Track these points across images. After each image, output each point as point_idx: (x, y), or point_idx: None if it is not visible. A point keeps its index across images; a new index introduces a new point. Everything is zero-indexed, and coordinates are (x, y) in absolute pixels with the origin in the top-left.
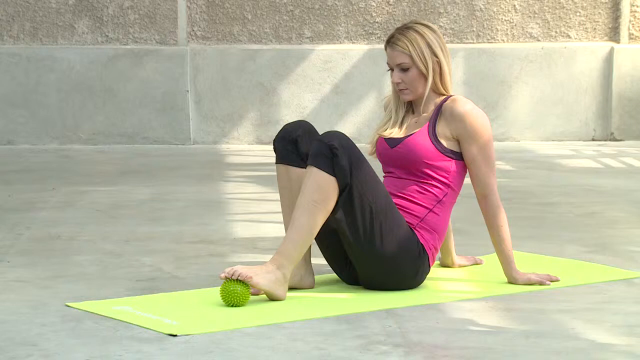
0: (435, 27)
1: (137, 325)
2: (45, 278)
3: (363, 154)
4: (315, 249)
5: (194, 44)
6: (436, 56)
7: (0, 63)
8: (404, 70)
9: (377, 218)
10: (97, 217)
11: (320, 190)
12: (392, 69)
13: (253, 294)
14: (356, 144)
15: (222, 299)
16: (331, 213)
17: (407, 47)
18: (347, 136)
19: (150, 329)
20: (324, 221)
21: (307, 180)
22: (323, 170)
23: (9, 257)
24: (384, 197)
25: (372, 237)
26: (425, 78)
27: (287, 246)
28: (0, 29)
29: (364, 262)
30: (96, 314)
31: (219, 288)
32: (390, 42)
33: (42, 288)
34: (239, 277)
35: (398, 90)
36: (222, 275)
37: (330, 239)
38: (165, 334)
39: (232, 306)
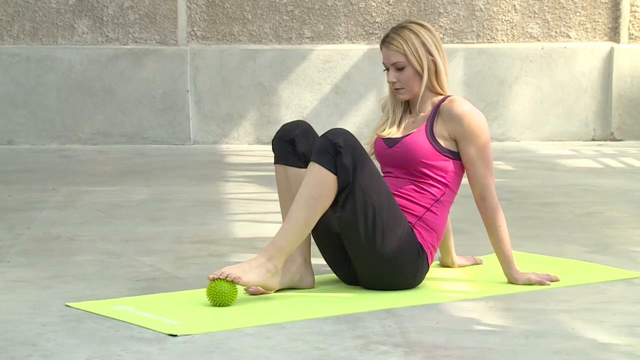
0: (430, 26)
1: (137, 325)
2: (45, 278)
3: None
4: (315, 249)
5: (194, 44)
6: (431, 55)
7: (0, 63)
8: (399, 69)
9: (379, 217)
10: (97, 217)
11: (320, 187)
12: (387, 69)
13: (252, 293)
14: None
15: (209, 299)
16: (334, 211)
17: (402, 46)
18: (351, 134)
19: (150, 329)
20: (319, 217)
21: (309, 175)
22: (325, 168)
23: (9, 257)
24: (387, 196)
25: (373, 236)
26: (421, 77)
27: (281, 238)
28: (0, 29)
29: (364, 261)
30: (96, 314)
31: (205, 289)
32: (385, 41)
33: (42, 288)
34: (228, 278)
35: (394, 90)
36: (211, 276)
37: (330, 240)
38: (165, 334)
39: (219, 306)
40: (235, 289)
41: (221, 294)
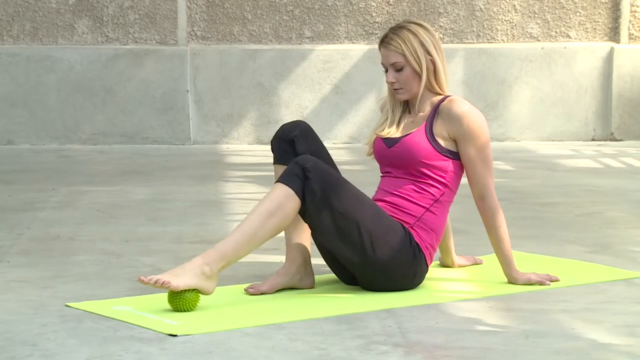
0: (429, 26)
1: (137, 325)
2: (45, 278)
3: (341, 174)
4: (315, 249)
5: (194, 44)
6: (430, 55)
7: (0, 63)
8: (398, 69)
9: (365, 232)
10: (97, 217)
11: (280, 205)
12: (386, 69)
13: (252, 294)
14: (356, 144)
15: (170, 305)
16: (320, 237)
17: (400, 46)
18: (321, 162)
19: (150, 329)
20: (270, 236)
21: (271, 192)
22: (291, 189)
23: (9, 257)
24: (370, 209)
25: (363, 250)
26: (420, 77)
27: (226, 245)
28: (0, 29)
29: (360, 271)
30: (96, 314)
31: (166, 294)
32: (383, 41)
33: (42, 288)
34: (156, 284)
35: (393, 90)
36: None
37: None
38: (165, 334)
39: (182, 311)
40: (195, 294)
41: (183, 301)
